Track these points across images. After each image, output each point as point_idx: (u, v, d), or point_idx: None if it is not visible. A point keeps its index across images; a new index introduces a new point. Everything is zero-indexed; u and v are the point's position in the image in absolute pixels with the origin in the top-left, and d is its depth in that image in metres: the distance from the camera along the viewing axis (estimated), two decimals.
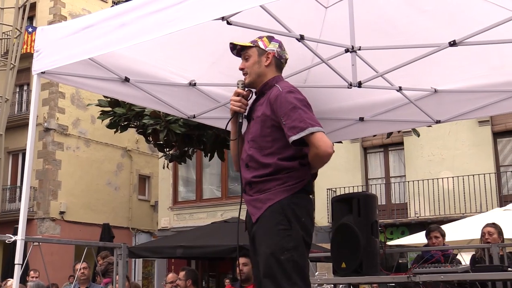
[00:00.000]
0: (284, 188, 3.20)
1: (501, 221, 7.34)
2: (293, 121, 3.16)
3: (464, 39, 4.07)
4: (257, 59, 3.43)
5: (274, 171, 3.22)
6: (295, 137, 3.13)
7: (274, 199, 3.18)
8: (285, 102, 3.21)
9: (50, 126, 24.01)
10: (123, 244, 5.45)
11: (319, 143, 3.13)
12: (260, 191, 3.24)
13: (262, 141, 3.30)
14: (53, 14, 24.94)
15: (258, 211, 3.21)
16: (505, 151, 18.26)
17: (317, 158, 3.20)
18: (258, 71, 3.42)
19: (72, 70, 4.07)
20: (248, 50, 3.45)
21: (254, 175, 3.27)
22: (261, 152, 3.28)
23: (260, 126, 3.32)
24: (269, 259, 3.10)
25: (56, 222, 23.72)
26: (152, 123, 8.68)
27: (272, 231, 3.13)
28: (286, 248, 3.09)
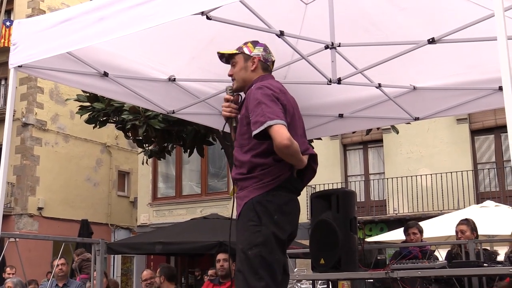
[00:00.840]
0: (259, 186, 3.28)
1: (477, 217, 7.42)
2: (256, 115, 3.24)
3: (442, 37, 4.09)
4: (243, 65, 3.53)
5: (250, 169, 3.32)
6: (256, 132, 3.21)
7: (249, 196, 3.28)
8: (253, 99, 3.32)
9: (29, 121, 23.76)
10: (101, 240, 5.41)
11: (275, 135, 3.17)
12: (242, 189, 3.35)
13: (241, 139, 3.40)
14: (32, 8, 24.67)
15: (239, 207, 3.34)
16: (482, 149, 18.46)
17: (277, 151, 3.24)
18: (243, 76, 3.52)
19: (50, 64, 4.02)
20: (234, 56, 3.56)
21: (236, 172, 3.40)
22: (241, 150, 3.38)
23: (240, 125, 3.43)
24: (240, 254, 3.22)
25: (34, 218, 23.49)
26: (131, 118, 8.65)
27: (243, 227, 3.25)
28: (254, 243, 3.18)
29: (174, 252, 14.93)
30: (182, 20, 3.19)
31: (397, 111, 5.51)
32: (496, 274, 5.26)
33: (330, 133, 6.42)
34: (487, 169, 17.99)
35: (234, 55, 3.57)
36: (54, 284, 8.18)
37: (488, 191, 17.58)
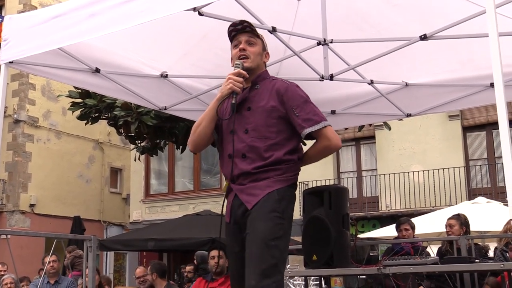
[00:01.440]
0: (283, 178, 3.22)
1: (469, 214, 7.43)
2: (307, 113, 3.22)
3: (434, 33, 4.11)
4: (261, 51, 3.39)
5: (275, 162, 3.21)
6: (311, 129, 3.20)
7: (274, 186, 3.17)
8: (297, 95, 3.26)
9: (20, 118, 23.64)
10: (93, 236, 5.39)
11: (332, 136, 3.25)
12: (257, 180, 3.20)
13: (266, 131, 3.24)
14: (23, 4, 24.51)
15: (256, 197, 3.17)
16: (474, 145, 18.52)
17: (326, 151, 3.32)
18: (259, 63, 3.38)
19: (42, 60, 4.01)
20: (255, 36, 3.37)
21: (255, 166, 3.20)
22: (264, 143, 3.22)
23: (265, 116, 3.25)
24: (259, 242, 3.07)
25: (26, 215, 23.39)
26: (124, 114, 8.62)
27: (267, 216, 3.11)
28: (276, 236, 3.09)
29: (167, 248, 14.93)
30: (174, 16, 3.19)
31: (389, 107, 5.52)
32: (488, 270, 5.29)
33: None
34: (479, 165, 18.05)
35: (256, 36, 3.38)
36: (46, 281, 8.17)
37: (480, 187, 17.65)
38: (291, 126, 3.26)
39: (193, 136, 3.41)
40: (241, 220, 3.21)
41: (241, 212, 3.22)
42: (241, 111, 3.30)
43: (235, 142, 3.26)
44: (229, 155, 3.28)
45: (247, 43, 3.33)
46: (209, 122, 3.34)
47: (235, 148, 3.25)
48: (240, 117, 3.30)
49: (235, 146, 3.26)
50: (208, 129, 3.35)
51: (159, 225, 14.95)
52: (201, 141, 3.40)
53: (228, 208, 3.31)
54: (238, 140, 3.27)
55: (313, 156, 3.39)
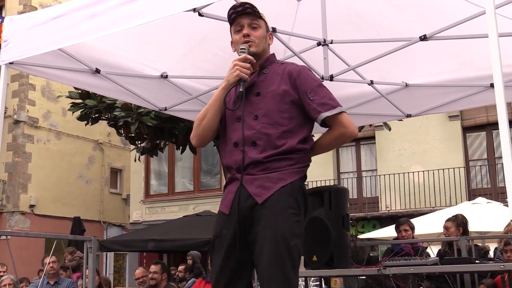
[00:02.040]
0: (296, 170, 3.00)
1: (469, 214, 7.44)
2: (322, 98, 3.04)
3: (434, 34, 4.11)
4: (265, 34, 3.16)
5: (288, 151, 2.99)
6: (328, 114, 3.02)
7: (287, 179, 2.95)
8: (310, 78, 3.08)
9: (20, 119, 23.65)
10: (93, 237, 5.39)
11: (349, 123, 3.09)
12: (268, 170, 2.96)
13: (279, 117, 3.01)
14: (23, 4, 24.52)
15: (267, 191, 2.92)
16: (474, 146, 18.52)
17: (342, 138, 3.15)
18: (264, 46, 3.17)
19: (42, 61, 4.01)
20: (258, 19, 3.13)
21: (266, 155, 2.96)
22: (276, 129, 3.00)
23: (278, 101, 3.03)
24: (279, 243, 2.84)
25: (26, 216, 23.39)
26: (124, 115, 8.64)
27: (283, 214, 2.89)
28: (295, 234, 2.89)
29: (167, 249, 14.94)
30: (174, 17, 3.19)
31: (389, 108, 5.52)
32: (488, 270, 5.29)
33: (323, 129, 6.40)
34: (479, 166, 18.05)
35: (259, 18, 3.13)
36: (46, 282, 8.17)
37: (480, 188, 17.65)
38: (303, 112, 3.06)
39: (197, 130, 3.15)
40: (248, 213, 2.94)
41: (249, 205, 2.94)
42: (248, 97, 3.07)
43: (239, 131, 3.02)
44: (235, 143, 3.03)
45: (250, 27, 3.11)
46: (214, 114, 3.11)
47: (241, 136, 3.00)
48: (247, 103, 3.06)
49: (241, 134, 3.01)
50: (214, 121, 3.12)
51: (159, 225, 14.95)
52: (206, 134, 3.15)
53: (230, 198, 3.01)
54: (247, 127, 3.01)
55: (326, 145, 3.20)
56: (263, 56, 3.16)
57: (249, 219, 2.93)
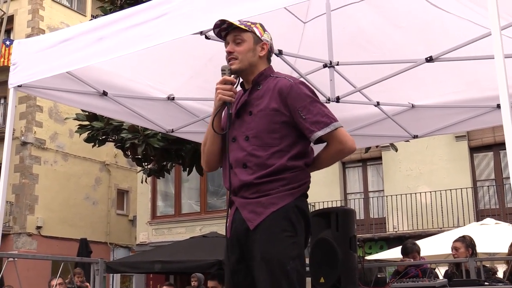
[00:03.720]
0: (289, 191, 2.91)
1: (478, 235, 7.39)
2: (315, 115, 2.90)
3: (440, 55, 4.12)
4: (252, 47, 3.01)
5: (278, 171, 2.90)
6: (321, 133, 2.89)
7: (278, 203, 2.88)
8: (302, 94, 2.94)
9: (27, 140, 23.77)
10: (100, 259, 5.39)
11: (346, 139, 2.95)
12: (260, 192, 2.90)
13: (268, 138, 2.93)
14: (31, 27, 24.79)
15: (258, 216, 2.87)
16: (481, 166, 18.45)
17: (339, 155, 3.03)
18: (251, 60, 3.01)
19: (50, 84, 4.04)
20: (241, 33, 2.99)
21: (257, 176, 2.89)
22: (266, 151, 2.91)
23: (268, 121, 2.93)
24: (274, 269, 2.80)
25: (33, 237, 23.40)
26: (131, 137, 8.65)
27: (276, 238, 2.83)
28: (291, 256, 2.83)
29: (174, 271, 14.86)
30: (181, 40, 3.22)
31: (395, 129, 5.52)
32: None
33: None
34: (487, 186, 17.96)
35: (241, 31, 2.99)
36: None
37: (488, 208, 17.54)
38: (297, 129, 2.95)
39: (203, 156, 3.17)
40: (243, 237, 2.91)
41: (244, 229, 2.91)
42: (242, 116, 3.02)
43: (235, 151, 2.98)
44: (230, 165, 2.98)
45: (234, 43, 3.00)
46: (212, 140, 3.09)
47: (235, 158, 2.96)
48: (241, 122, 3.01)
49: (235, 155, 2.97)
50: (214, 146, 3.10)
51: (166, 247, 14.90)
52: (212, 159, 3.13)
53: (229, 222, 2.99)
54: (239, 149, 2.98)
55: (325, 161, 3.08)
56: (252, 70, 3.05)
57: (246, 244, 2.91)
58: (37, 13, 25.05)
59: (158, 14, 3.17)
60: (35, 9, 25.04)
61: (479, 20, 3.82)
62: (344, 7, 4.32)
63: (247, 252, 2.92)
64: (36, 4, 25.07)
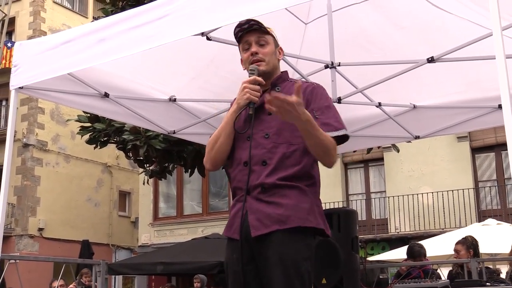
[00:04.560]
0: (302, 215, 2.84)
1: (479, 236, 7.38)
2: (329, 117, 2.89)
3: (442, 56, 4.12)
4: (274, 50, 3.04)
5: (300, 174, 2.87)
6: (334, 134, 2.84)
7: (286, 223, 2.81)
8: (323, 96, 2.96)
9: (29, 142, 23.79)
10: (102, 260, 5.40)
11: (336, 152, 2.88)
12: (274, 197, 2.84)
13: (291, 136, 2.88)
14: (33, 29, 24.82)
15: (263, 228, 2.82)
16: (483, 167, 18.43)
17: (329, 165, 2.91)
18: (274, 63, 3.04)
19: (51, 85, 4.04)
20: (265, 35, 3.01)
21: (277, 177, 2.84)
22: (287, 149, 2.88)
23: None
24: (289, 269, 2.76)
25: (35, 239, 23.42)
26: (132, 138, 8.66)
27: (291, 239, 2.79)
28: (304, 257, 2.81)
29: (176, 272, 14.85)
30: (182, 41, 3.21)
31: (397, 129, 5.52)
32: None
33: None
34: (488, 187, 17.94)
35: (266, 34, 3.00)
36: None
37: (490, 209, 17.53)
38: None
39: (210, 154, 3.05)
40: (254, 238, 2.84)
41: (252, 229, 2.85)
42: (259, 116, 2.95)
43: (253, 149, 2.90)
44: (245, 162, 2.91)
45: (257, 44, 2.99)
46: (226, 138, 2.99)
47: (254, 155, 2.89)
48: (258, 122, 2.95)
49: (254, 152, 2.89)
50: (227, 145, 3.00)
51: (168, 248, 14.89)
52: (220, 158, 3.04)
53: (238, 222, 2.89)
54: (257, 146, 2.91)
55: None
56: (274, 73, 3.06)
57: (256, 246, 2.85)
58: (38, 15, 25.08)
59: (159, 16, 3.17)
60: (36, 11, 25.08)
61: (480, 20, 3.82)
62: (345, 8, 4.33)
63: (258, 252, 2.86)
64: (38, 6, 25.10)
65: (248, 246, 2.87)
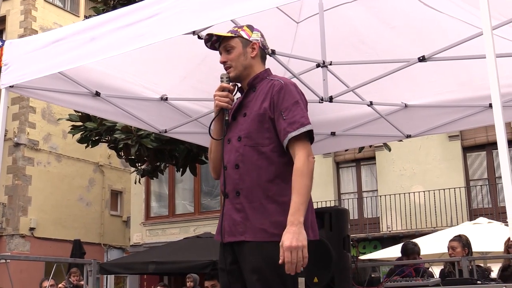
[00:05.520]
0: (269, 223, 2.83)
1: (470, 234, 7.41)
2: (294, 116, 2.85)
3: (433, 55, 4.13)
4: (242, 51, 3.06)
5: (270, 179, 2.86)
6: (295, 133, 2.81)
7: (251, 234, 2.83)
8: (289, 95, 2.91)
9: (20, 141, 23.67)
10: (93, 260, 5.37)
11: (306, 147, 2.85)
12: (243, 203, 2.88)
13: (259, 138, 2.92)
14: (24, 28, 24.68)
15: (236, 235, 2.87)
16: (474, 166, 18.50)
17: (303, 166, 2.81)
18: (245, 64, 3.06)
19: (42, 84, 4.02)
20: (229, 41, 3.06)
21: (245, 180, 2.88)
22: (258, 150, 2.90)
23: (258, 121, 2.93)
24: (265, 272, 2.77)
25: (26, 239, 23.31)
26: (124, 137, 8.62)
27: (257, 247, 2.80)
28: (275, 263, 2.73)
29: (168, 271, 14.83)
30: (174, 40, 3.21)
31: (389, 128, 5.53)
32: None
33: (323, 151, 6.42)
34: (480, 185, 18.01)
35: (229, 39, 3.06)
36: None
37: (481, 207, 17.59)
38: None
39: (210, 164, 3.21)
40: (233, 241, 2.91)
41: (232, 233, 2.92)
42: (237, 118, 3.05)
43: (228, 153, 2.99)
44: (224, 166, 2.99)
45: (226, 52, 3.08)
46: (215, 146, 3.14)
47: (228, 159, 2.97)
48: (235, 125, 3.04)
49: (229, 156, 2.97)
50: (216, 152, 3.12)
51: (160, 248, 14.88)
52: (217, 165, 3.13)
53: (219, 225, 3.00)
54: (232, 149, 2.98)
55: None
56: (248, 73, 3.08)
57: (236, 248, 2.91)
58: (29, 14, 24.95)
59: (150, 14, 3.16)
60: (27, 9, 24.94)
61: (472, 19, 3.83)
62: (337, 7, 4.33)
63: (238, 254, 2.91)
64: (29, 5, 24.97)
65: (231, 248, 2.94)
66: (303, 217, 2.70)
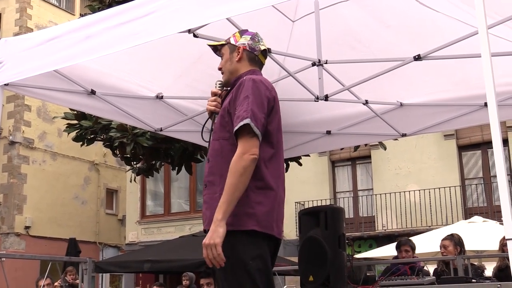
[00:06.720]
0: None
1: (465, 233, 7.44)
2: (240, 110, 2.91)
3: (428, 54, 4.13)
4: (228, 56, 3.23)
5: (226, 168, 2.87)
6: (235, 128, 2.88)
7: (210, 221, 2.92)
8: (244, 90, 2.97)
9: (16, 140, 23.60)
10: (88, 258, 5.36)
11: (247, 141, 2.89)
12: (210, 191, 3.06)
13: (222, 131, 3.04)
14: (19, 26, 24.60)
15: (206, 221, 3.03)
16: (469, 164, 18.54)
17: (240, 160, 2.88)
18: (230, 69, 3.22)
19: (37, 82, 4.01)
20: (221, 49, 3.29)
21: (211, 173, 3.03)
22: (220, 144, 3.02)
23: (221, 116, 3.07)
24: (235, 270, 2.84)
25: (21, 237, 23.25)
26: (119, 136, 8.60)
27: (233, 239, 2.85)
28: (251, 256, 2.85)
29: (163, 270, 14.84)
30: (169, 38, 3.20)
31: (384, 127, 5.53)
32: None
33: (318, 149, 6.42)
34: (475, 184, 18.06)
35: (222, 47, 3.27)
36: None
37: (476, 206, 17.65)
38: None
39: None
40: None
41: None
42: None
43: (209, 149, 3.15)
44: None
45: (221, 59, 3.31)
46: None
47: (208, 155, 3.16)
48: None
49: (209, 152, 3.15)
50: None
51: (155, 246, 14.87)
52: None
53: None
54: (210, 147, 3.15)
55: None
56: (234, 76, 3.23)
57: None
58: (25, 12, 24.86)
59: (146, 12, 3.16)
60: (23, 7, 24.87)
61: (467, 18, 3.83)
62: (333, 6, 4.33)
63: None
64: (24, 3, 24.89)
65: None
66: (225, 215, 2.79)
